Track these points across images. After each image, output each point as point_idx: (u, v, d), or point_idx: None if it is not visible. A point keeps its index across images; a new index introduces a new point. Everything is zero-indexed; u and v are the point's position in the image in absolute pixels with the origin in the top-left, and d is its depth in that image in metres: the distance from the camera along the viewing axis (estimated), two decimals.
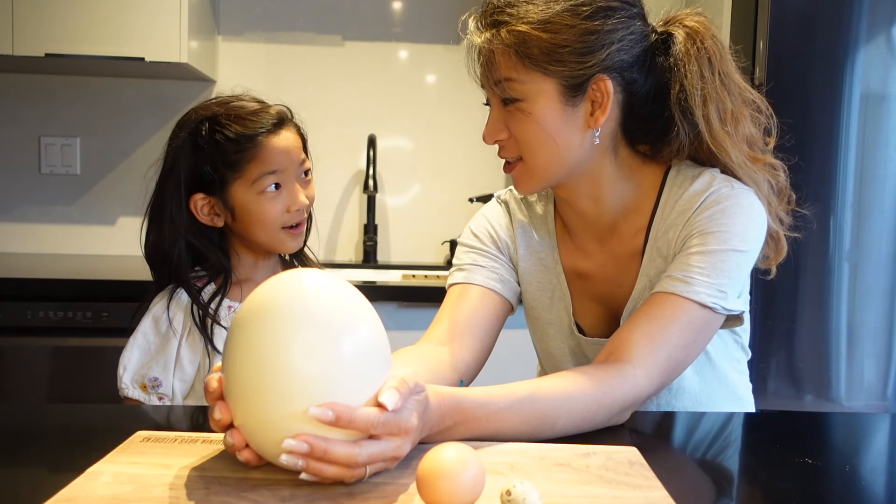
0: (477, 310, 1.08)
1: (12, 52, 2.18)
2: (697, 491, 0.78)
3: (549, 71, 0.97)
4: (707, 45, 1.00)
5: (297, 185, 1.25)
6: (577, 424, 0.87)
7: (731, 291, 0.97)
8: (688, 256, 0.98)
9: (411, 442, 0.72)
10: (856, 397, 1.92)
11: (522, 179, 1.05)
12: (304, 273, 0.73)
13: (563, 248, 1.14)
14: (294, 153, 1.25)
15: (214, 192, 1.23)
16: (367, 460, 0.68)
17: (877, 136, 1.89)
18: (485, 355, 1.08)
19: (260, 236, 1.25)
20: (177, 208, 1.23)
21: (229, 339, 0.71)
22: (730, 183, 1.02)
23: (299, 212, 1.25)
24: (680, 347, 0.95)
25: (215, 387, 0.72)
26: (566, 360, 1.15)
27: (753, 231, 1.00)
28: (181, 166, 1.23)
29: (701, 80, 0.99)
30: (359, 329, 0.70)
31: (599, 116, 1.00)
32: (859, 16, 1.88)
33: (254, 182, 1.22)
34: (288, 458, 0.66)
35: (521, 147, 1.02)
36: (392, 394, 0.69)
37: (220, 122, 1.23)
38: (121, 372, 1.24)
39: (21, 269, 2.24)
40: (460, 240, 1.18)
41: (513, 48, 0.96)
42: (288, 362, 0.67)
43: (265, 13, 2.64)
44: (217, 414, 0.70)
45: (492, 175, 2.71)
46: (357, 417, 0.67)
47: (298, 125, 1.31)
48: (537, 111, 0.98)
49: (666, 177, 1.07)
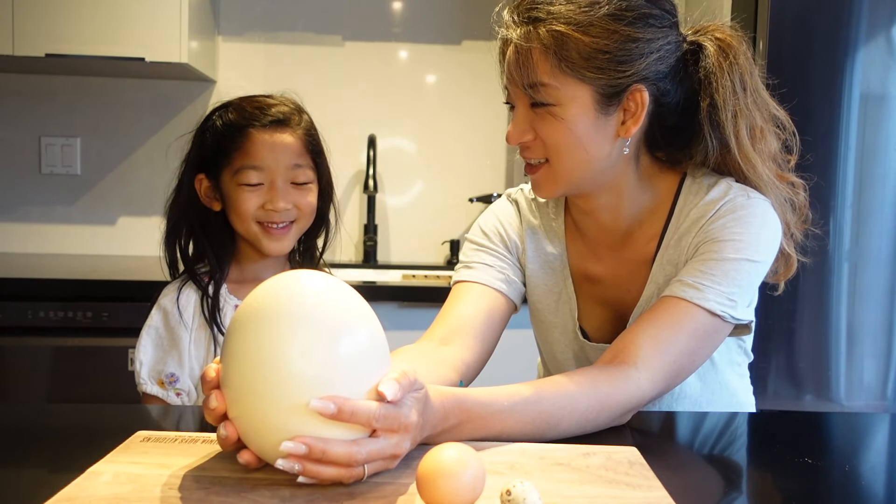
0: (481, 310, 1.07)
1: (13, 52, 2.18)
2: (697, 491, 0.78)
3: (587, 77, 0.94)
4: (740, 62, 1.00)
5: (283, 187, 1.24)
6: (580, 425, 0.87)
7: (741, 300, 0.96)
8: (700, 263, 0.97)
9: (411, 440, 0.71)
10: (855, 397, 1.92)
11: (545, 184, 1.02)
12: (303, 274, 0.72)
13: (572, 251, 1.13)
14: (284, 155, 1.25)
15: (211, 175, 1.28)
16: (367, 458, 0.68)
17: (877, 136, 1.89)
18: (486, 356, 1.07)
19: (239, 227, 1.27)
20: (187, 183, 1.29)
21: (228, 338, 0.71)
22: (745, 192, 1.01)
23: (278, 213, 1.24)
24: (686, 353, 0.94)
25: (213, 376, 0.71)
26: (569, 362, 1.15)
27: (767, 241, 0.99)
28: (194, 144, 1.30)
29: (733, 95, 0.99)
30: (357, 330, 0.70)
31: (631, 127, 0.98)
32: (859, 16, 1.88)
33: (236, 172, 1.24)
34: (284, 462, 0.66)
35: (548, 150, 0.99)
36: (392, 384, 0.69)
37: (229, 108, 1.28)
38: (137, 367, 1.25)
39: (21, 269, 2.24)
40: (469, 236, 1.17)
41: (551, 49, 0.93)
42: (285, 362, 0.67)
43: (265, 13, 2.64)
44: (213, 402, 0.70)
45: (492, 175, 2.71)
46: (359, 409, 0.67)
47: (310, 133, 1.29)
48: (569, 117, 0.96)
49: (681, 185, 1.06)
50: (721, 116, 0.99)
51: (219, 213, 1.29)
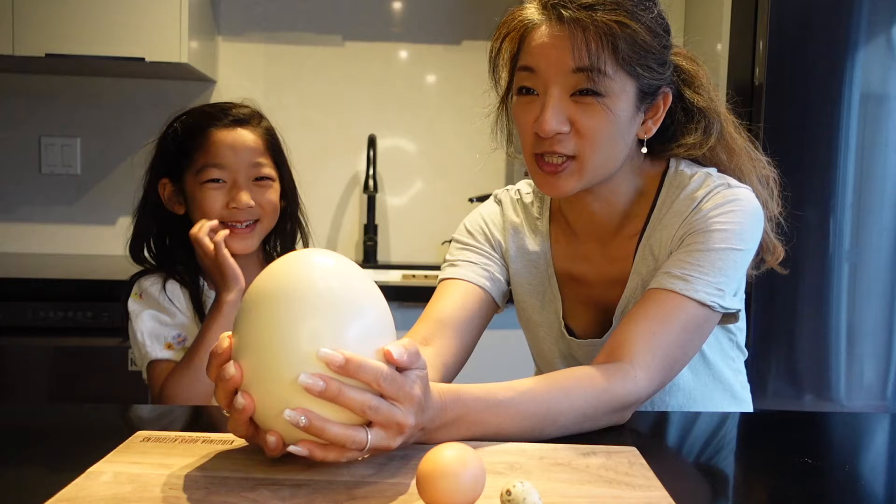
0: (462, 308, 1.07)
1: (13, 52, 2.18)
2: (697, 491, 0.78)
3: (636, 73, 0.95)
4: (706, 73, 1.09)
5: (245, 184, 1.27)
6: (578, 422, 0.87)
7: (728, 290, 0.97)
8: (686, 254, 0.98)
9: (414, 415, 0.71)
10: (855, 397, 1.92)
11: (569, 180, 0.98)
12: (313, 253, 0.74)
13: (556, 251, 1.14)
14: (245, 153, 1.28)
15: (174, 179, 1.30)
16: (377, 410, 0.68)
17: (877, 136, 1.89)
18: (465, 355, 1.07)
19: None
20: (150, 189, 1.33)
21: (239, 318, 0.72)
22: (726, 181, 1.03)
23: (242, 211, 1.26)
24: (678, 346, 0.95)
25: (226, 346, 0.71)
26: (557, 361, 1.15)
27: (751, 229, 1.00)
28: (157, 151, 1.33)
29: (712, 89, 1.08)
30: (366, 309, 0.71)
31: (652, 127, 1.01)
32: (859, 16, 1.88)
33: (198, 171, 1.27)
34: (292, 413, 0.66)
35: (583, 143, 0.96)
36: (398, 347, 0.70)
37: (189, 113, 1.32)
38: (140, 337, 1.26)
39: (21, 269, 2.25)
40: (455, 235, 1.18)
41: (611, 38, 0.92)
42: (296, 342, 0.68)
43: (265, 13, 2.64)
44: (231, 370, 0.69)
45: (492, 175, 2.71)
46: (365, 364, 0.67)
47: (271, 133, 1.33)
48: (617, 111, 0.95)
49: (664, 176, 1.07)
50: (704, 100, 1.06)
51: (183, 217, 1.31)
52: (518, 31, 0.99)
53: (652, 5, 0.97)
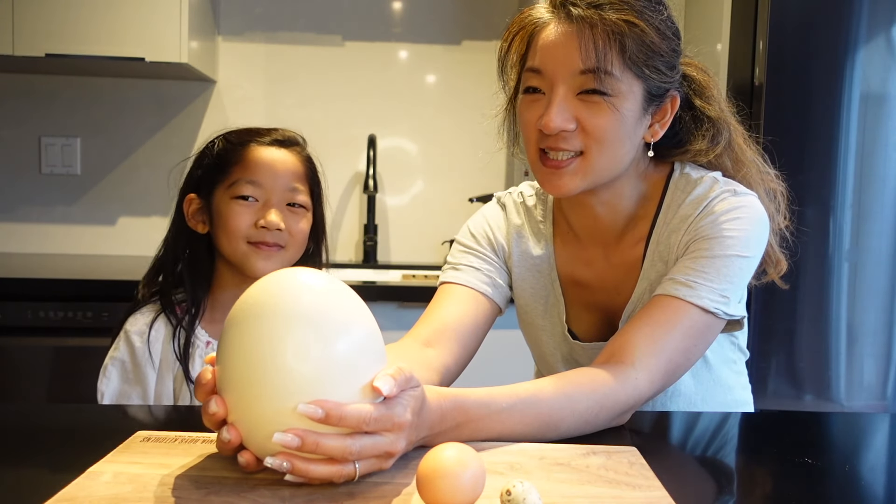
0: (466, 314, 1.07)
1: (13, 52, 2.18)
2: (697, 491, 0.78)
3: (644, 74, 0.95)
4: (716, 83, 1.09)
5: (278, 206, 1.21)
6: (579, 426, 0.87)
7: (733, 297, 0.97)
8: (691, 261, 0.98)
9: (406, 438, 0.71)
10: (855, 397, 1.92)
11: (574, 178, 0.98)
12: (299, 271, 0.72)
13: (560, 255, 1.13)
14: (283, 175, 1.22)
15: (202, 194, 1.25)
16: (360, 452, 0.67)
17: (877, 137, 1.89)
18: (466, 360, 1.07)
19: (226, 247, 1.22)
20: (178, 206, 1.27)
21: (224, 336, 0.70)
22: (732, 188, 1.02)
23: (270, 232, 1.20)
24: (681, 351, 0.95)
25: (209, 378, 0.70)
26: (559, 364, 1.15)
27: (756, 237, 1.00)
28: (193, 167, 1.28)
29: (723, 99, 1.08)
30: (352, 329, 0.70)
31: (658, 131, 1.01)
32: (859, 16, 1.88)
33: (231, 185, 1.21)
34: (273, 460, 0.66)
35: (589, 141, 0.96)
36: (387, 380, 0.68)
37: (232, 131, 1.27)
38: (99, 398, 1.23)
39: (21, 269, 2.24)
40: (457, 237, 1.17)
41: (619, 38, 0.92)
42: (281, 360, 0.66)
43: (265, 13, 2.64)
44: (213, 407, 0.69)
45: (492, 175, 2.71)
46: (347, 413, 0.66)
47: (312, 162, 1.28)
48: (624, 111, 0.95)
49: (669, 180, 1.07)
50: (714, 111, 1.05)
51: (203, 237, 1.25)
52: (527, 30, 0.99)
53: (662, 8, 0.97)
